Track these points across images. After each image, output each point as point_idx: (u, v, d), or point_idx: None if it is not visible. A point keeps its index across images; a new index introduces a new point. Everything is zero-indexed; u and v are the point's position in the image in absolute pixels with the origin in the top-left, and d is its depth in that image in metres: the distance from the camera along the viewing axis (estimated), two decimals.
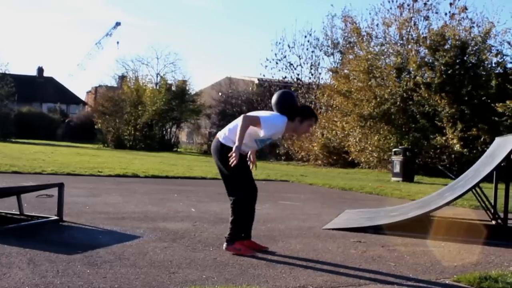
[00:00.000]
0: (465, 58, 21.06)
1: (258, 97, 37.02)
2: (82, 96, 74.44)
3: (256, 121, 5.15)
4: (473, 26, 21.95)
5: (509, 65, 20.94)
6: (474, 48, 21.10)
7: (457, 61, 20.94)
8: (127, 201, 8.74)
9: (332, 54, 34.09)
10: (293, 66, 36.16)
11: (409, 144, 21.25)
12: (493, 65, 21.18)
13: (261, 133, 5.17)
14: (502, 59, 20.87)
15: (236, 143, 5.00)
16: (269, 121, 5.21)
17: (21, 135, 42.01)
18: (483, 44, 21.06)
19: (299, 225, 7.16)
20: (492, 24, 21.42)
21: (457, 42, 21.05)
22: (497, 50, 21.08)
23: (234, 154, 4.94)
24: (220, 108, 40.51)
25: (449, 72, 20.73)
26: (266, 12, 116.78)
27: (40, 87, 66.35)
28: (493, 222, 7.55)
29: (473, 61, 20.97)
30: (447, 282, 4.52)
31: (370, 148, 23.73)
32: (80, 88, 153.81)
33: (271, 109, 5.47)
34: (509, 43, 20.96)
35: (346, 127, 25.22)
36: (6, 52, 78.88)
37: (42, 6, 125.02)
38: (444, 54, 20.84)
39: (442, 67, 20.83)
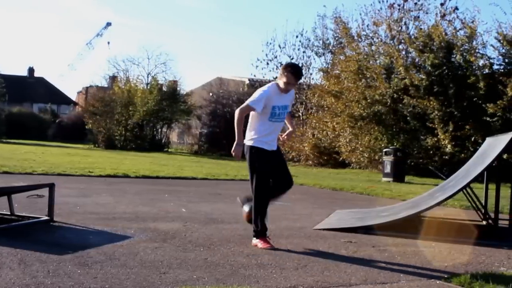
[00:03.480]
0: (452, 59, 21.04)
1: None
2: (73, 96, 74.09)
3: (246, 107, 5.92)
4: (463, 27, 21.90)
5: (496, 67, 20.90)
6: (461, 49, 21.05)
7: (444, 61, 20.93)
8: (117, 201, 8.71)
9: (323, 54, 34.07)
10: None
11: (400, 145, 21.26)
12: (480, 65, 21.10)
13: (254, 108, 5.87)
14: (488, 61, 20.78)
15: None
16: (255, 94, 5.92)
17: (11, 135, 41.76)
18: (469, 44, 20.99)
19: (289, 225, 7.16)
20: (475, 27, 21.22)
21: (442, 43, 21.03)
22: (480, 53, 20.92)
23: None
24: (211, 108, 40.39)
25: (436, 72, 20.73)
26: (257, 13, 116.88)
27: (31, 87, 65.98)
28: (484, 222, 7.56)
29: (460, 61, 20.94)
30: (437, 282, 4.54)
31: (361, 149, 23.74)
32: (71, 88, 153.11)
33: None
34: (492, 46, 20.94)
35: (337, 128, 25.21)
36: None
37: (33, 6, 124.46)
38: (430, 54, 20.82)
39: (429, 68, 20.85)
